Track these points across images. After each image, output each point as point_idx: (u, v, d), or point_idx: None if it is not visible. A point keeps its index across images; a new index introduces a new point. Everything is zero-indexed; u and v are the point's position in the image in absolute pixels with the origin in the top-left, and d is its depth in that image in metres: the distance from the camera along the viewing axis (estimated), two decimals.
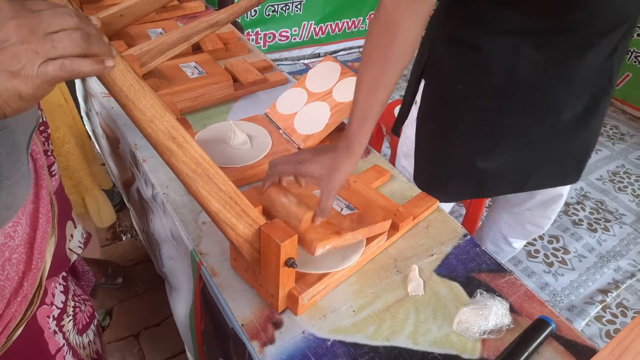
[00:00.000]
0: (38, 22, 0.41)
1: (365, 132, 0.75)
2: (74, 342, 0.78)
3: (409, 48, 0.74)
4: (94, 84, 1.31)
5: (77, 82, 1.57)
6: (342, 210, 0.88)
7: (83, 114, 1.63)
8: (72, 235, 0.79)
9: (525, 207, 1.28)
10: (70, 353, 0.76)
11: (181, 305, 1.09)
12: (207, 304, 0.88)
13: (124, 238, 1.93)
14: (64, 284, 0.78)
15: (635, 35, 2.87)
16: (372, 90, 0.74)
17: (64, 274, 0.78)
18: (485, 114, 0.98)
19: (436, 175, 1.11)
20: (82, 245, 0.82)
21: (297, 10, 2.95)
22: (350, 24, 3.21)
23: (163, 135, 0.58)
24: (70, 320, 0.78)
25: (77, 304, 0.80)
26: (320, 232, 0.72)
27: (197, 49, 1.40)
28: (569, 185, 1.20)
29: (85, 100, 1.53)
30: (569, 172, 1.11)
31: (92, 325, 0.84)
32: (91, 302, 0.86)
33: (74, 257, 0.79)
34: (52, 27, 0.42)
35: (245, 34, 2.63)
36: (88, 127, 1.63)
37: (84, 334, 0.82)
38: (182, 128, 0.59)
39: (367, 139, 0.76)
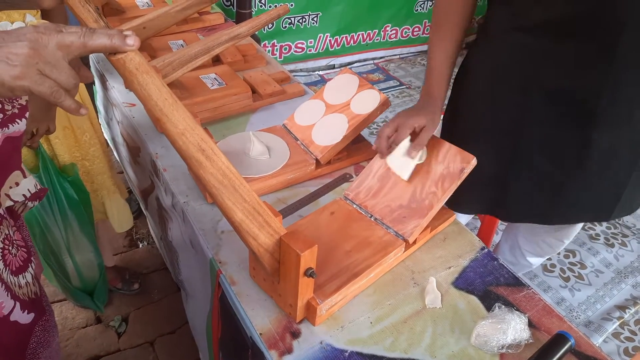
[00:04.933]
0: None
1: (436, 86, 0.98)
2: (8, 280, 0.78)
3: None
4: (117, 94, 1.34)
5: (98, 91, 1.61)
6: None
7: (103, 121, 1.66)
8: (16, 183, 0.78)
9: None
10: (3, 287, 0.76)
11: (198, 313, 1.10)
12: (225, 312, 0.88)
13: (140, 245, 1.95)
14: None
15: None
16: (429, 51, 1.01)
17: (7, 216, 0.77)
18: (505, 116, 0.97)
19: None
20: (27, 195, 0.80)
21: (313, 23, 2.99)
22: (365, 36, 3.24)
23: (193, 148, 0.59)
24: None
25: (6, 246, 0.79)
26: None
27: (216, 60, 1.43)
28: None
29: (106, 109, 1.56)
30: (603, 207, 1.04)
31: (29, 269, 0.84)
32: (28, 249, 0.85)
33: (7, 203, 0.78)
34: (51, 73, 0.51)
35: (262, 46, 2.67)
36: (107, 135, 1.66)
37: (20, 276, 0.82)
38: (210, 140, 0.60)
39: (441, 91, 0.98)
